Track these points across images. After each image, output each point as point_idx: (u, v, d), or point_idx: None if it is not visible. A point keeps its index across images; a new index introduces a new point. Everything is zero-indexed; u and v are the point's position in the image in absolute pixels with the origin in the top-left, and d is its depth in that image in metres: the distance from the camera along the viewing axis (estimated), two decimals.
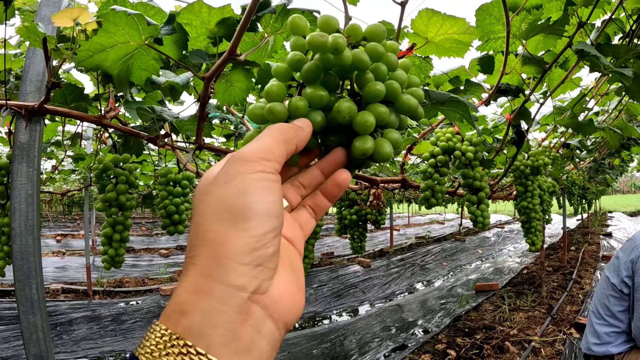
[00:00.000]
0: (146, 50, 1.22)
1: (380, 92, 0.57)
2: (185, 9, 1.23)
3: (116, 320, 5.47)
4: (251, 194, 0.41)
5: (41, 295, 1.32)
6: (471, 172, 1.85)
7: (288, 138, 0.48)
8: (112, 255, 1.50)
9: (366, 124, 0.56)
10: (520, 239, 13.55)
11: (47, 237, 12.22)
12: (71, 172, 5.71)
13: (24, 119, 1.26)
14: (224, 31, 1.30)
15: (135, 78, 1.30)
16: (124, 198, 1.45)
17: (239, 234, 0.40)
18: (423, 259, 10.09)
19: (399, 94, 0.60)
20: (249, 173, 0.42)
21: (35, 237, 1.31)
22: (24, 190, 1.28)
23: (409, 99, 0.60)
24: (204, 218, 0.41)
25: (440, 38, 1.43)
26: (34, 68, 1.30)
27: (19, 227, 1.29)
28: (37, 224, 1.30)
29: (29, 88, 1.29)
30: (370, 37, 0.61)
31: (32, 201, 1.29)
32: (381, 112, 0.58)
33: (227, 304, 0.38)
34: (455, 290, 6.95)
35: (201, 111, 1.27)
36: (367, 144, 0.56)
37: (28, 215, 1.29)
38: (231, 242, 0.39)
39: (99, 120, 1.34)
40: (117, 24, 1.10)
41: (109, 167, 1.45)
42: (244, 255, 0.39)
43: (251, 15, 1.00)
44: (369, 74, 0.59)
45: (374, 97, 0.58)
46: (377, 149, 0.57)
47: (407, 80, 0.62)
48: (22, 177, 1.28)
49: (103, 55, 1.18)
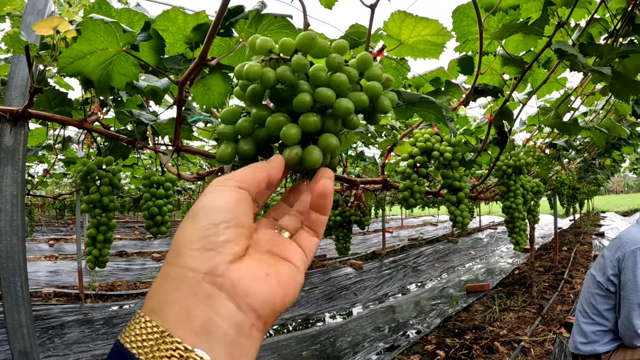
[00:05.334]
0: (125, 56, 1.25)
1: (305, 102, 0.60)
2: (161, 16, 1.27)
3: (108, 324, 5.48)
4: (205, 195, 0.49)
5: (25, 293, 1.36)
6: (450, 172, 1.88)
7: (257, 168, 0.55)
8: (96, 256, 1.53)
9: (287, 137, 0.59)
10: None
11: (40, 241, 12.20)
12: (62, 175, 5.72)
13: (9, 123, 1.30)
14: (199, 37, 1.34)
15: (116, 83, 1.33)
16: (107, 199, 1.48)
17: (192, 226, 0.46)
18: (415, 260, 10.13)
19: (331, 100, 0.61)
20: (211, 186, 0.50)
21: (20, 237, 1.35)
22: (9, 192, 1.32)
23: (343, 103, 0.62)
24: (180, 226, 0.48)
25: (413, 40, 1.46)
26: (18, 74, 1.34)
27: (4, 227, 1.33)
28: (21, 224, 1.34)
29: (14, 93, 1.34)
30: (301, 47, 0.63)
31: (17, 202, 1.34)
32: (310, 122, 0.60)
33: (182, 284, 0.43)
34: (447, 291, 6.99)
35: (178, 114, 1.30)
36: (291, 153, 0.59)
37: (13, 216, 1.33)
38: (186, 234, 0.46)
39: (81, 124, 1.38)
40: (96, 32, 1.13)
41: (92, 170, 1.48)
42: (196, 242, 0.45)
43: (219, 21, 1.02)
44: (300, 86, 0.63)
45: (301, 107, 0.61)
46: (305, 157, 0.60)
47: (345, 81, 0.63)
48: (7, 179, 1.32)
49: (83, 61, 1.21)
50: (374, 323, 5.52)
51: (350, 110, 0.62)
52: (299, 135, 0.59)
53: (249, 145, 0.64)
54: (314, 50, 0.63)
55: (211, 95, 1.48)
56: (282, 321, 5.87)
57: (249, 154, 0.64)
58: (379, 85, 0.67)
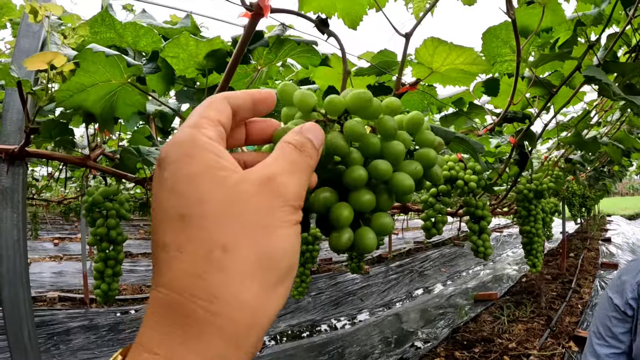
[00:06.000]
0: (130, 86, 1.16)
1: (361, 178, 0.50)
2: (170, 42, 1.17)
3: (113, 330, 5.43)
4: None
5: (34, 343, 1.28)
6: (473, 200, 1.80)
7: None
8: (104, 290, 1.45)
9: (339, 220, 0.49)
10: (519, 244, 13.42)
11: (45, 240, 12.14)
12: (66, 179, 5.65)
13: (6, 163, 1.20)
14: (213, 63, 1.24)
15: (121, 114, 1.24)
16: (114, 233, 1.40)
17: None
18: (422, 265, 10.04)
19: (389, 176, 0.52)
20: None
21: (25, 283, 1.26)
22: (10, 237, 1.23)
23: (403, 180, 0.52)
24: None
25: (446, 68, 1.36)
26: (14, 106, 1.24)
27: (7, 274, 1.24)
28: (25, 269, 1.25)
29: (9, 128, 1.23)
30: (353, 108, 0.52)
31: (19, 247, 1.24)
32: (365, 200, 0.50)
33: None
34: (454, 299, 6.90)
35: None
36: (341, 239, 0.49)
37: (16, 263, 1.24)
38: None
39: (84, 161, 1.29)
40: (96, 63, 1.04)
41: (98, 201, 1.39)
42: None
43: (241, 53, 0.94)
44: (353, 156, 0.52)
45: (355, 184, 0.51)
46: (357, 242, 0.50)
47: (403, 151, 0.53)
48: (7, 223, 1.23)
49: (83, 94, 1.13)
50: (381, 332, 5.44)
51: (412, 189, 0.53)
52: (351, 218, 0.50)
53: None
54: (368, 112, 0.53)
55: None
56: (290, 328, 5.80)
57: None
58: (434, 154, 0.56)
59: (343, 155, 0.52)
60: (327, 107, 0.52)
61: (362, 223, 0.53)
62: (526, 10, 1.70)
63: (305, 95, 0.53)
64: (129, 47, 1.35)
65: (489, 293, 6.87)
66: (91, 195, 1.39)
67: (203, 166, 0.36)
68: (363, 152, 0.53)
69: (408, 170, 0.54)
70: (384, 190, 0.54)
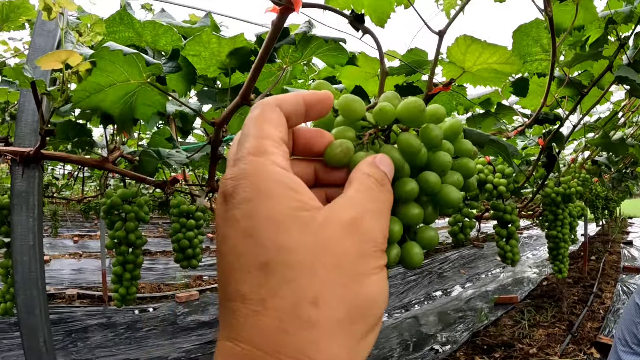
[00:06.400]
0: (150, 86, 1.12)
1: (412, 192, 0.47)
2: (191, 40, 1.13)
3: (131, 328, 5.44)
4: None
5: (49, 348, 1.24)
6: (502, 204, 1.74)
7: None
8: (123, 294, 1.42)
9: (390, 235, 0.45)
10: (540, 245, 13.28)
11: (65, 237, 12.24)
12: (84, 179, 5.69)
13: (21, 165, 1.17)
14: (236, 62, 1.19)
15: (140, 115, 1.20)
16: (133, 236, 1.36)
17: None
18: (441, 266, 9.93)
19: (437, 189, 0.49)
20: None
21: (40, 289, 1.22)
22: (25, 242, 1.20)
23: (450, 192, 0.50)
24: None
25: (478, 68, 1.29)
26: (28, 107, 1.20)
27: (22, 280, 1.20)
28: (41, 274, 1.22)
29: (24, 130, 1.20)
30: (404, 117, 0.49)
31: (35, 253, 1.21)
32: (413, 215, 0.48)
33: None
34: (474, 302, 6.80)
35: (213, 154, 1.17)
36: (389, 255, 0.46)
37: (31, 267, 1.21)
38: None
39: (102, 164, 1.25)
40: (114, 62, 1.00)
41: (117, 204, 1.36)
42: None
43: (268, 52, 0.89)
44: (403, 169, 0.49)
45: (406, 197, 0.48)
46: (404, 257, 0.48)
47: (449, 163, 0.50)
48: (22, 228, 1.19)
49: (101, 95, 1.09)
50: (400, 335, 5.38)
51: (459, 202, 0.50)
52: (402, 233, 0.47)
53: None
54: (419, 122, 0.49)
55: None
56: None
57: None
58: (474, 165, 0.53)
59: (397, 169, 0.48)
60: (377, 116, 0.49)
61: (408, 237, 0.50)
62: (559, 8, 1.64)
63: (352, 101, 0.48)
64: (148, 47, 1.31)
65: (510, 296, 6.77)
66: (110, 197, 1.36)
67: (284, 207, 0.32)
68: (411, 163, 0.50)
69: (451, 182, 0.51)
70: (430, 203, 0.51)
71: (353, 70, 1.44)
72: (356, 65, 1.40)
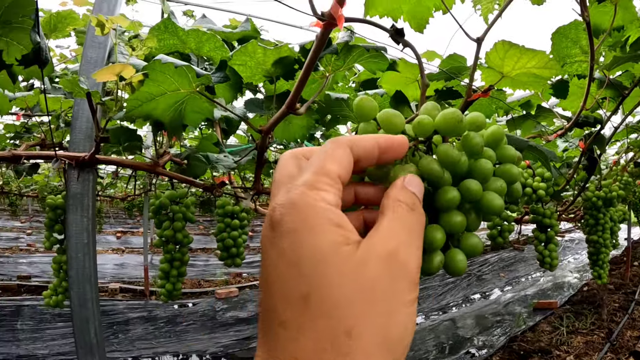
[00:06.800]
0: (198, 95, 1.18)
1: (454, 200, 0.49)
2: (238, 51, 1.18)
3: (171, 322, 5.55)
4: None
5: (99, 339, 1.32)
6: (541, 208, 1.74)
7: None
8: (169, 290, 1.48)
9: (433, 242, 0.48)
10: (581, 249, 12.95)
11: (108, 233, 12.59)
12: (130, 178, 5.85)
13: (76, 169, 1.24)
14: (281, 71, 1.24)
15: (189, 121, 1.27)
16: (181, 235, 1.43)
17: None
18: (480, 268, 9.79)
19: (479, 196, 0.50)
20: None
21: (93, 284, 1.30)
22: (80, 240, 1.27)
23: (492, 200, 0.51)
24: None
25: (516, 72, 1.30)
26: (82, 115, 1.28)
27: (76, 275, 1.28)
28: (94, 271, 1.29)
29: (78, 136, 1.27)
30: (443, 128, 0.50)
31: (89, 250, 1.28)
32: (455, 222, 0.49)
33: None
34: (512, 306, 6.69)
35: (259, 159, 1.22)
36: (433, 263, 0.48)
37: (85, 264, 1.28)
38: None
39: (153, 168, 1.32)
40: (165, 73, 1.06)
41: (165, 205, 1.43)
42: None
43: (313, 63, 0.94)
44: (444, 177, 0.50)
45: (448, 206, 0.49)
46: (448, 265, 0.50)
47: (491, 170, 0.51)
48: (77, 227, 1.27)
49: (153, 104, 1.15)
50: (436, 337, 5.35)
51: (502, 209, 0.51)
52: (444, 240, 0.48)
53: None
54: (457, 132, 0.51)
55: (292, 129, 1.39)
56: None
57: None
58: (517, 171, 0.54)
59: (435, 179, 0.50)
60: (416, 129, 0.51)
61: (452, 244, 0.52)
62: (597, 9, 1.63)
63: (392, 115, 0.51)
64: (192, 53, 1.37)
65: (549, 302, 6.63)
66: (158, 198, 1.43)
67: (327, 241, 0.34)
68: (452, 172, 0.51)
69: (494, 189, 0.52)
70: (472, 210, 0.53)
71: (394, 76, 1.47)
72: (396, 71, 1.43)
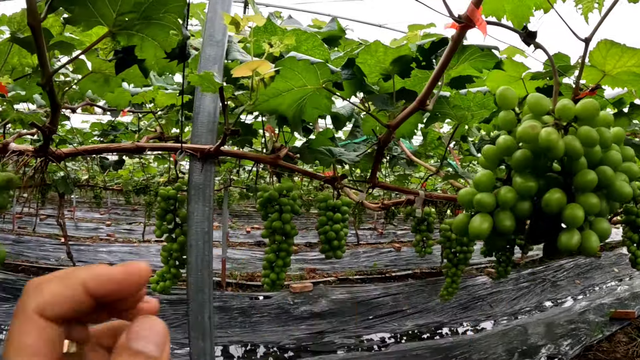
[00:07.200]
0: (320, 90, 1.26)
1: (592, 182, 0.54)
2: (362, 50, 1.25)
3: (245, 313, 5.69)
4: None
5: (212, 324, 1.41)
6: (635, 207, 1.72)
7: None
8: (273, 279, 1.55)
9: (574, 219, 0.53)
10: None
11: None
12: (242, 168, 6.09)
13: (200, 161, 1.31)
14: (398, 69, 1.30)
15: (308, 117, 1.33)
16: (289, 227, 1.50)
17: None
18: (555, 274, 9.47)
19: (612, 181, 0.55)
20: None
21: (209, 270, 1.38)
22: (200, 228, 1.34)
23: (623, 186, 0.55)
24: None
25: (617, 71, 1.32)
26: (204, 110, 1.33)
27: (195, 261, 1.35)
28: (211, 257, 1.37)
29: (200, 129, 1.33)
30: (583, 116, 0.56)
31: (208, 238, 1.36)
32: (592, 203, 0.54)
33: None
34: (587, 314, 6.46)
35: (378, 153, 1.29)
36: (572, 240, 0.53)
37: (205, 251, 1.36)
38: None
39: (275, 161, 1.39)
40: (294, 70, 1.13)
41: (274, 197, 1.51)
42: None
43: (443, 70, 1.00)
44: (581, 161, 0.56)
45: (586, 187, 0.54)
46: (584, 244, 0.54)
47: (621, 160, 0.57)
48: (199, 216, 1.33)
49: (279, 99, 1.22)
50: (509, 343, 5.25)
51: (630, 195, 0.56)
52: (584, 218, 0.53)
53: (510, 220, 0.58)
54: (594, 122, 0.57)
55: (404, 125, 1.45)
56: (417, 327, 5.80)
57: (509, 231, 0.58)
58: (637, 169, 0.60)
59: (576, 157, 0.56)
60: (560, 112, 0.57)
61: (584, 227, 0.57)
62: None
63: (541, 99, 0.58)
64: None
65: (626, 311, 6.36)
66: (267, 191, 1.52)
67: None
68: (587, 157, 0.57)
69: (624, 179, 0.58)
70: (603, 196, 0.58)
71: (499, 74, 1.51)
72: (502, 70, 1.47)
